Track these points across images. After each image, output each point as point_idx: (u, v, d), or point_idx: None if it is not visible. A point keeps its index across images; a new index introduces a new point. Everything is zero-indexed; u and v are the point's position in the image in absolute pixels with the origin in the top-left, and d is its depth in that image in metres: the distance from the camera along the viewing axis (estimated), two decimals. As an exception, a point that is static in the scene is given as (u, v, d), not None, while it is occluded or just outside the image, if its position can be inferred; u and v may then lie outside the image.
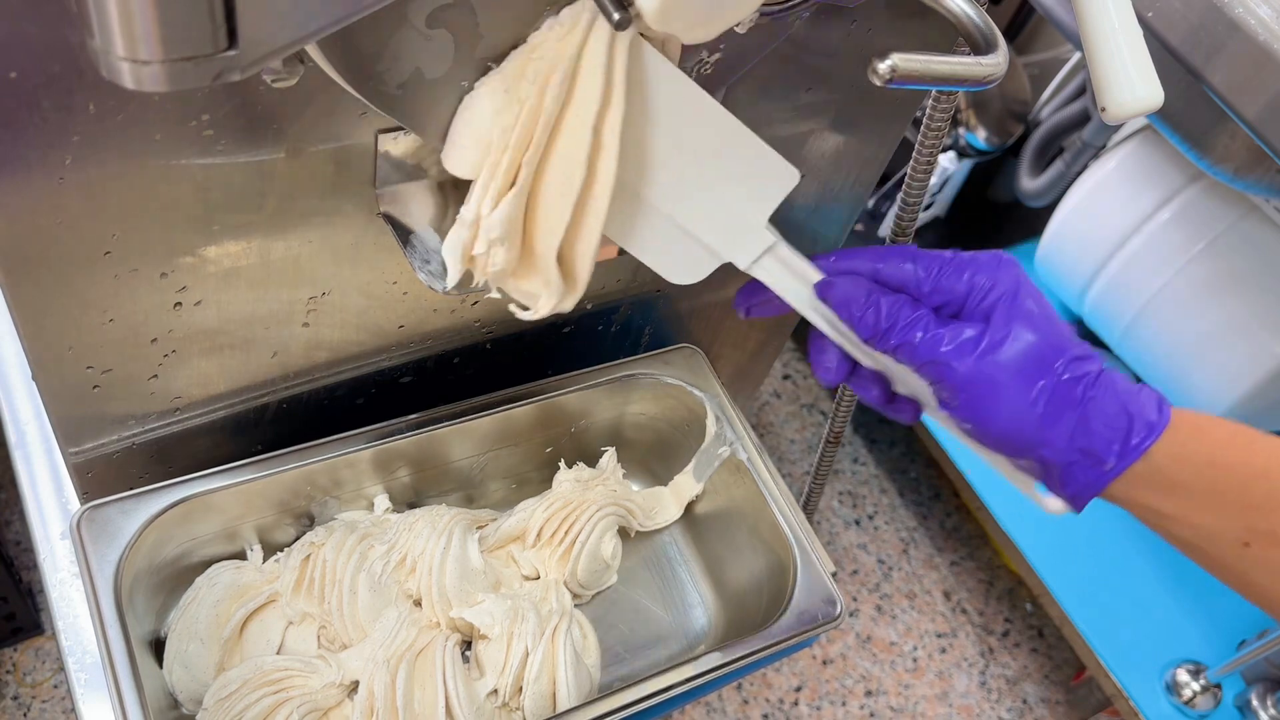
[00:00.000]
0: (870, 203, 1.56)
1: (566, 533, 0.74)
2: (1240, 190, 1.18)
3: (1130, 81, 0.52)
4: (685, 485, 0.80)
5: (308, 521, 0.72)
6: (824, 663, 1.42)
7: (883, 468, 1.61)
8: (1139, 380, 0.53)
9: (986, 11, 0.53)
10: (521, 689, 0.68)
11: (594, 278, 0.73)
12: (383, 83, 0.47)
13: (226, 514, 0.68)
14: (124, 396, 0.61)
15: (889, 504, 1.58)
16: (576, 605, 0.76)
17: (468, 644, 0.71)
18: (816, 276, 0.54)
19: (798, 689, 1.39)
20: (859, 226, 1.57)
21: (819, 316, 0.55)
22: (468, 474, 0.77)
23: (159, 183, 0.50)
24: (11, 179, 0.46)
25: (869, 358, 0.56)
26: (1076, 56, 1.49)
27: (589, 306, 0.77)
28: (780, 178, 0.52)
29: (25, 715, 1.22)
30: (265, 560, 0.71)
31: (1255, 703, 1.18)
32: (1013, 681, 1.46)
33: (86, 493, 0.67)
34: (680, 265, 0.54)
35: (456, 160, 0.48)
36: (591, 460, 0.79)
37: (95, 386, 0.59)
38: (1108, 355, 1.48)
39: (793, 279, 0.55)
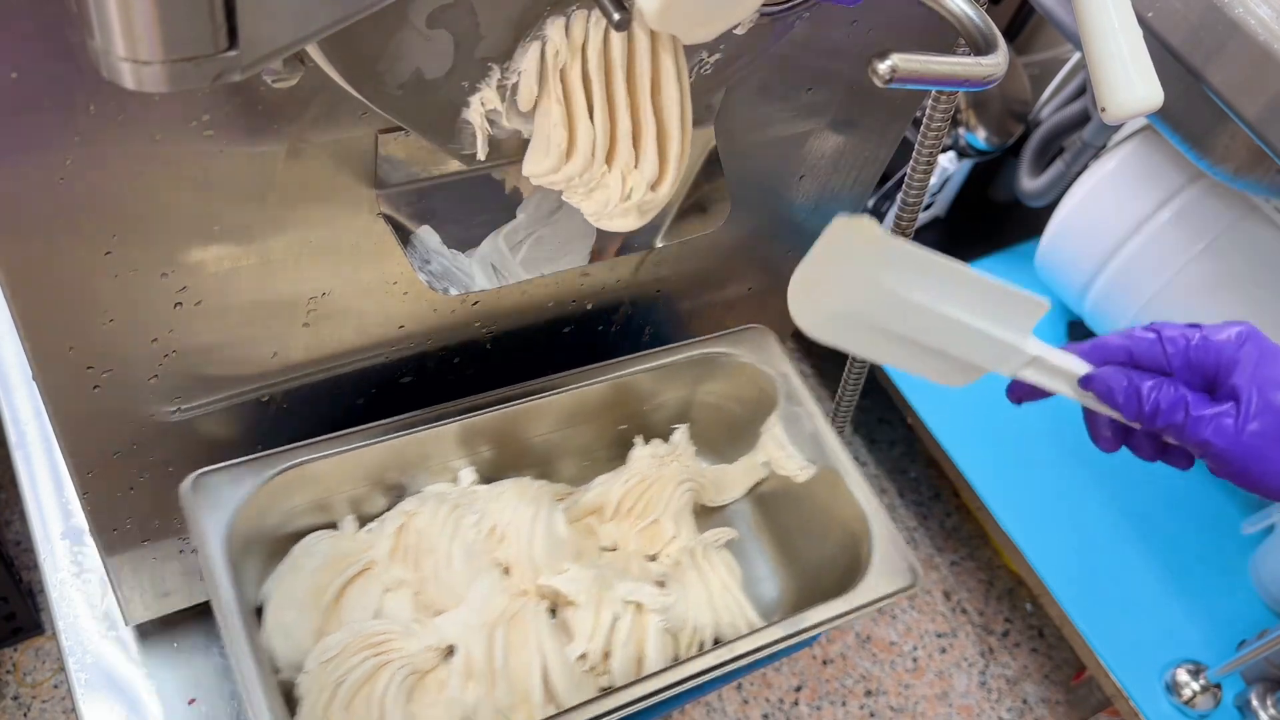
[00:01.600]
0: (870, 203, 1.56)
1: (645, 506, 0.77)
2: (1240, 190, 1.18)
3: (1130, 81, 0.52)
4: (752, 467, 0.82)
5: (396, 493, 0.74)
6: (824, 663, 1.43)
7: (883, 468, 1.61)
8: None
9: (986, 11, 0.53)
10: (609, 653, 0.70)
11: (594, 277, 0.74)
12: (383, 83, 0.47)
13: (323, 484, 0.70)
14: (124, 397, 0.61)
15: (889, 504, 1.58)
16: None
17: (552, 611, 0.73)
18: (1080, 371, 0.58)
19: (798, 689, 1.39)
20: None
21: (1087, 399, 0.59)
22: (543, 451, 0.79)
23: (159, 183, 0.50)
24: (12, 179, 0.46)
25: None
26: (1076, 56, 1.49)
27: (589, 306, 0.77)
28: (1033, 308, 0.56)
29: (25, 715, 1.22)
30: (360, 530, 0.73)
31: (1255, 703, 1.18)
32: (1013, 681, 1.47)
33: (87, 493, 0.67)
34: (953, 376, 0.59)
35: None
36: (659, 436, 0.81)
37: (95, 387, 0.59)
38: None
39: (1054, 378, 0.58)
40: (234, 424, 0.69)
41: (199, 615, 0.83)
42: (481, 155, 0.52)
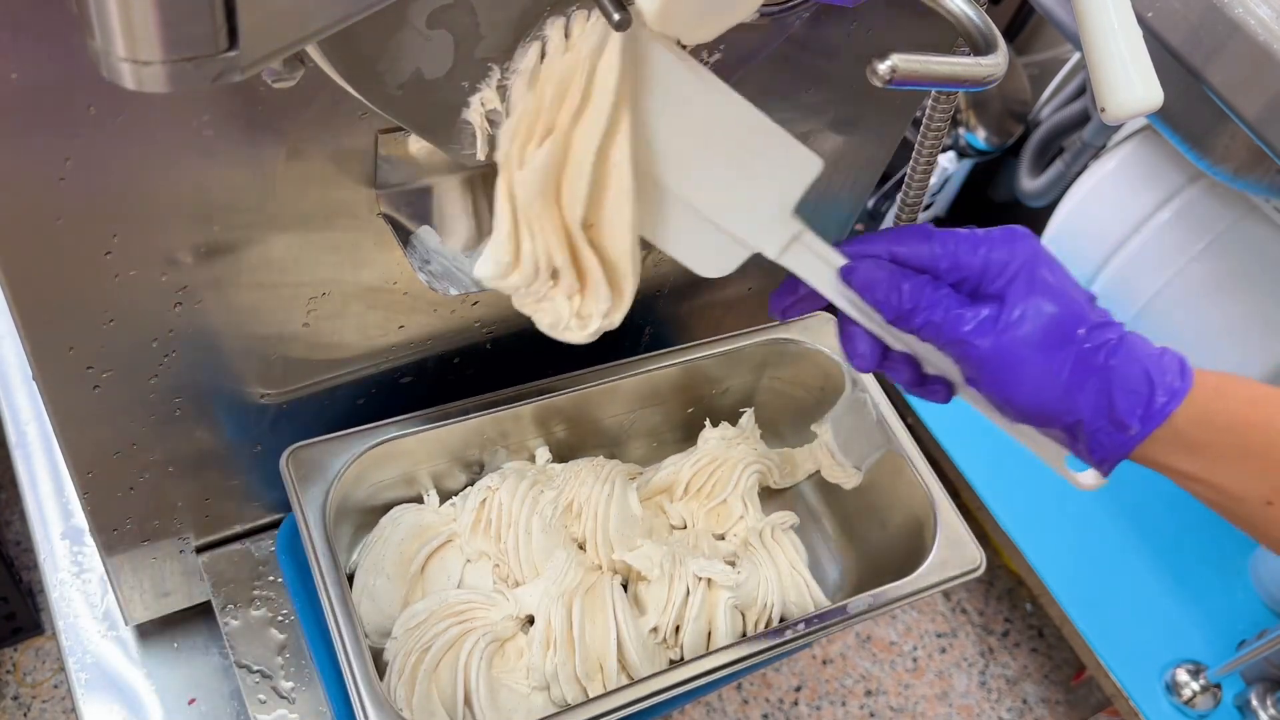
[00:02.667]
0: (870, 203, 1.57)
1: (714, 486, 0.79)
2: (1240, 190, 1.18)
3: (1130, 82, 0.53)
4: (811, 457, 0.84)
5: (477, 469, 0.77)
6: (824, 663, 1.43)
7: (883, 468, 1.61)
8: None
9: (986, 11, 0.53)
10: (679, 627, 0.72)
11: (594, 278, 0.74)
12: (383, 83, 0.47)
13: (411, 459, 0.73)
14: (124, 397, 0.61)
15: (889, 504, 1.58)
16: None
17: (624, 585, 0.75)
18: (840, 262, 0.55)
19: (798, 689, 1.40)
20: (859, 226, 1.57)
21: (847, 302, 0.56)
22: (615, 432, 0.81)
23: (159, 183, 0.50)
24: (13, 179, 0.46)
25: (898, 340, 0.58)
26: (1076, 56, 1.49)
27: (589, 306, 0.77)
28: (804, 167, 0.52)
29: (25, 715, 1.22)
30: (441, 504, 0.76)
31: (1255, 703, 1.18)
32: (1013, 681, 1.47)
33: (87, 493, 0.67)
34: (710, 258, 0.55)
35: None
36: (725, 420, 0.83)
37: (95, 387, 0.59)
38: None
39: (821, 267, 0.55)
40: (234, 424, 0.69)
41: (199, 615, 0.83)
42: (481, 155, 0.52)
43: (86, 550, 0.87)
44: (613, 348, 0.83)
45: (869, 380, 0.79)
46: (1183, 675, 1.21)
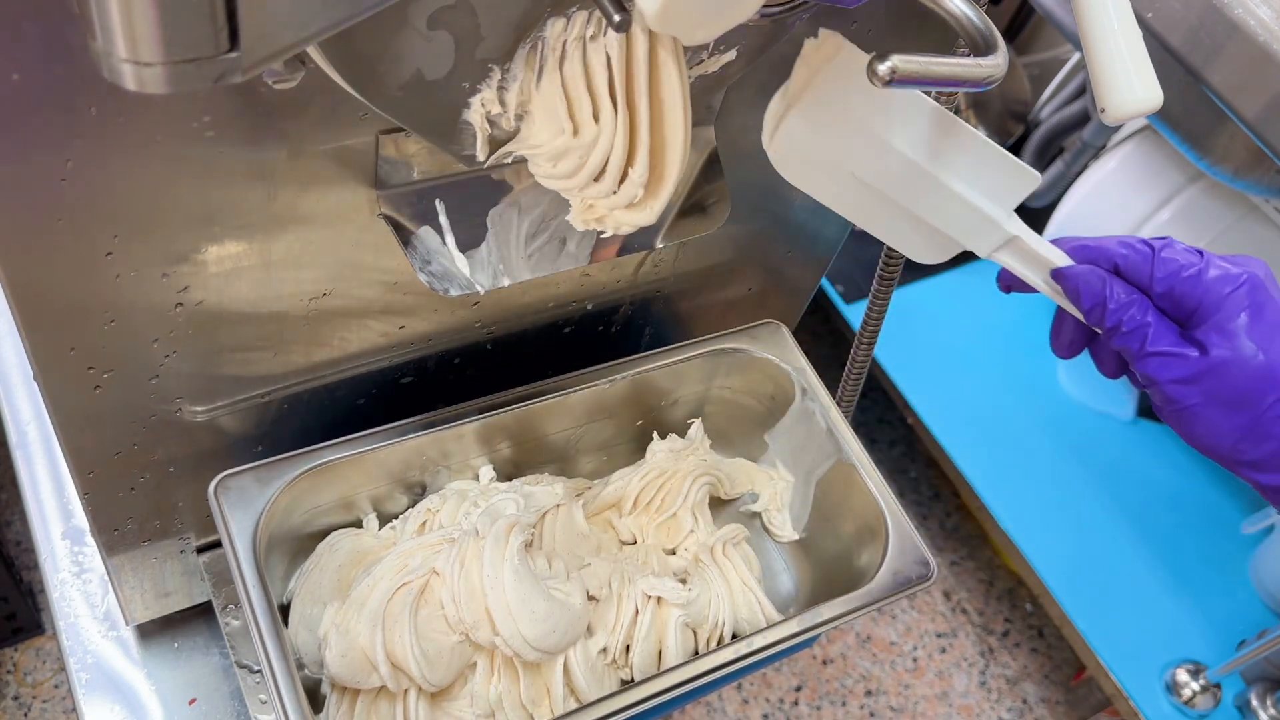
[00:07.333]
0: (870, 203, 1.56)
1: (663, 500, 0.78)
2: (1240, 190, 1.18)
3: (1130, 82, 0.52)
4: (758, 484, 0.84)
5: (419, 491, 0.75)
6: (824, 663, 1.43)
7: (883, 468, 1.62)
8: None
9: (986, 11, 0.53)
10: (629, 647, 0.71)
11: (594, 278, 0.74)
12: (384, 84, 0.47)
13: (348, 482, 0.71)
14: (125, 397, 0.61)
15: (889, 504, 1.58)
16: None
17: None
18: (1058, 263, 0.55)
19: (798, 689, 1.40)
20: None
21: (1060, 297, 0.56)
22: (562, 448, 0.80)
23: (160, 184, 0.50)
24: (14, 180, 0.46)
25: None
26: (1076, 56, 1.50)
27: (589, 307, 0.77)
28: (1022, 181, 0.54)
29: (25, 715, 1.22)
30: (380, 528, 0.74)
31: (1255, 703, 1.19)
32: (1013, 681, 1.47)
33: (88, 493, 0.67)
34: (925, 250, 0.57)
35: None
36: (676, 431, 0.82)
37: (96, 387, 0.59)
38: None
39: (1030, 265, 0.56)
40: (235, 424, 0.69)
41: (200, 615, 0.83)
42: (481, 156, 0.53)
43: (87, 550, 0.87)
44: (613, 348, 0.83)
45: (819, 390, 0.78)
46: (1183, 675, 1.21)
